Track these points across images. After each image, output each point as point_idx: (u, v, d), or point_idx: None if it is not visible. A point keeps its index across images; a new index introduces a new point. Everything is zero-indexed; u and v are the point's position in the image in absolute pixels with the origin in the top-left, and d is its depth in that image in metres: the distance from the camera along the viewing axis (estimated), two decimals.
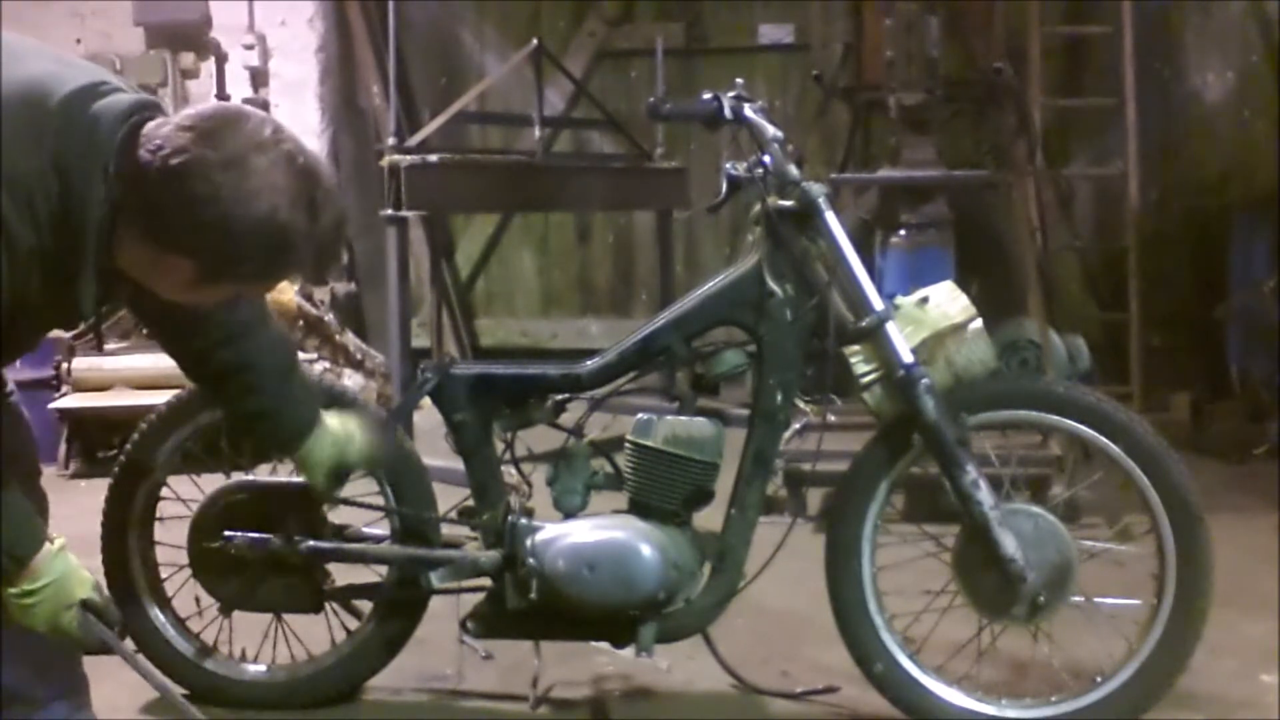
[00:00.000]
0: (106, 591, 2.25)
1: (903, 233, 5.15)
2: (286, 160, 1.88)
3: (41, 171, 1.87)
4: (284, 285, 6.31)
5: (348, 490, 2.94)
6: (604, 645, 2.98)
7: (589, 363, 2.85)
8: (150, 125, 1.91)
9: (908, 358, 2.68)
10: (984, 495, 2.67)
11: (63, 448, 5.52)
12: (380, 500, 2.96)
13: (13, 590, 2.08)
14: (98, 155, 1.89)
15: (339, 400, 2.82)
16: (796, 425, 2.92)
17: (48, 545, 2.11)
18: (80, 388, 5.53)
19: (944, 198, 5.22)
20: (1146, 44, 6.20)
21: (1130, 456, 2.69)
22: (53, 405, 5.50)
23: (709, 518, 2.82)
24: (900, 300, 2.76)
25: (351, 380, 6.12)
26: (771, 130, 2.79)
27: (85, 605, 2.15)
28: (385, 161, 5.18)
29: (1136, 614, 2.75)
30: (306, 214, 1.89)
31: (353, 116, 7.54)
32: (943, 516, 2.97)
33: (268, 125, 1.91)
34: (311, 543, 2.89)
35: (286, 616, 3.02)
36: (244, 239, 1.86)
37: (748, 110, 2.81)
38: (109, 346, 5.68)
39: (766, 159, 2.77)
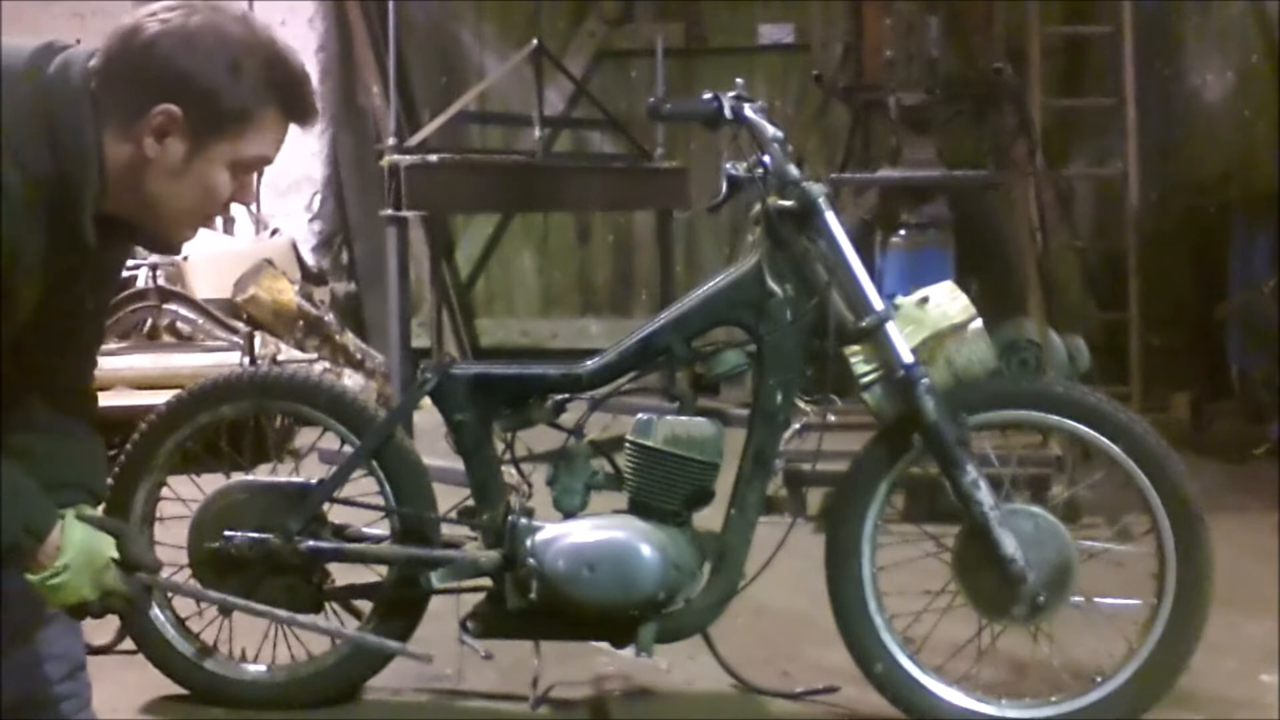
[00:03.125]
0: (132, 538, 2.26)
1: (903, 233, 5.14)
2: (247, 22, 2.05)
3: (29, 117, 1.95)
4: (284, 285, 6.31)
5: (348, 490, 2.95)
6: (604, 645, 2.98)
7: (589, 363, 2.85)
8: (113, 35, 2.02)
9: (908, 358, 2.68)
10: (984, 495, 2.67)
11: None
12: (380, 500, 2.96)
13: (43, 574, 2.09)
14: (77, 93, 1.97)
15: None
16: (796, 425, 2.92)
17: (60, 521, 2.12)
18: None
19: (944, 198, 5.21)
20: (1146, 44, 6.20)
21: (1130, 456, 2.69)
22: None
23: (709, 518, 2.82)
24: (900, 300, 2.76)
25: (351, 380, 6.12)
26: (771, 130, 2.79)
27: (118, 563, 2.17)
28: (385, 161, 5.18)
29: (1136, 614, 2.75)
30: (274, 57, 2.04)
31: (353, 116, 7.54)
32: (943, 516, 2.97)
33: (224, 4, 2.07)
34: (311, 543, 2.89)
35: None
36: (224, 74, 1.97)
37: (748, 110, 2.81)
38: (109, 346, 5.67)
39: (766, 159, 2.77)
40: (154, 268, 5.82)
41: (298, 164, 7.31)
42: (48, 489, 2.15)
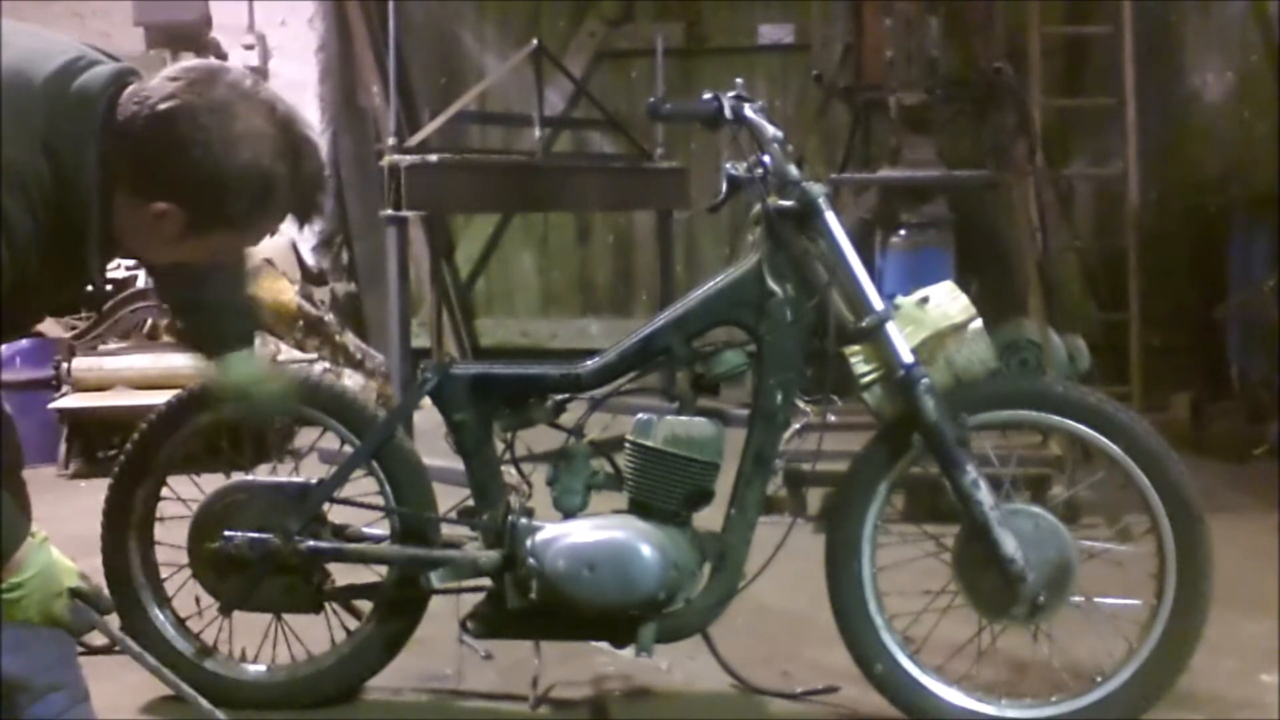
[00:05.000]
0: (93, 581, 2.25)
1: (903, 233, 5.15)
2: (268, 109, 1.96)
3: (32, 155, 1.91)
4: (284, 286, 6.31)
5: (348, 490, 2.95)
6: (604, 645, 2.98)
7: (589, 363, 2.85)
8: (134, 85, 1.96)
9: (908, 358, 2.68)
10: (984, 495, 2.67)
11: (63, 448, 5.52)
12: (380, 500, 2.96)
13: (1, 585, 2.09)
14: (86, 129, 1.93)
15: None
16: (796, 425, 2.91)
17: (29, 539, 2.12)
18: (80, 388, 5.53)
19: (944, 198, 5.22)
20: (1146, 44, 6.20)
21: (1130, 456, 2.69)
22: (53, 405, 5.50)
23: (709, 518, 2.82)
24: (900, 300, 2.76)
25: (351, 380, 6.12)
26: (771, 130, 2.79)
27: (75, 593, 2.16)
28: (385, 161, 5.19)
29: (1136, 614, 2.75)
30: (289, 159, 1.96)
31: (353, 116, 7.54)
32: (943, 516, 2.97)
33: (248, 78, 2.00)
34: (311, 543, 2.89)
35: (286, 616, 3.02)
36: (231, 182, 1.91)
37: (748, 110, 2.81)
38: (109, 346, 5.68)
39: (766, 159, 2.77)
40: None
41: None
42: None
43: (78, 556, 2.25)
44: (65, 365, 5.60)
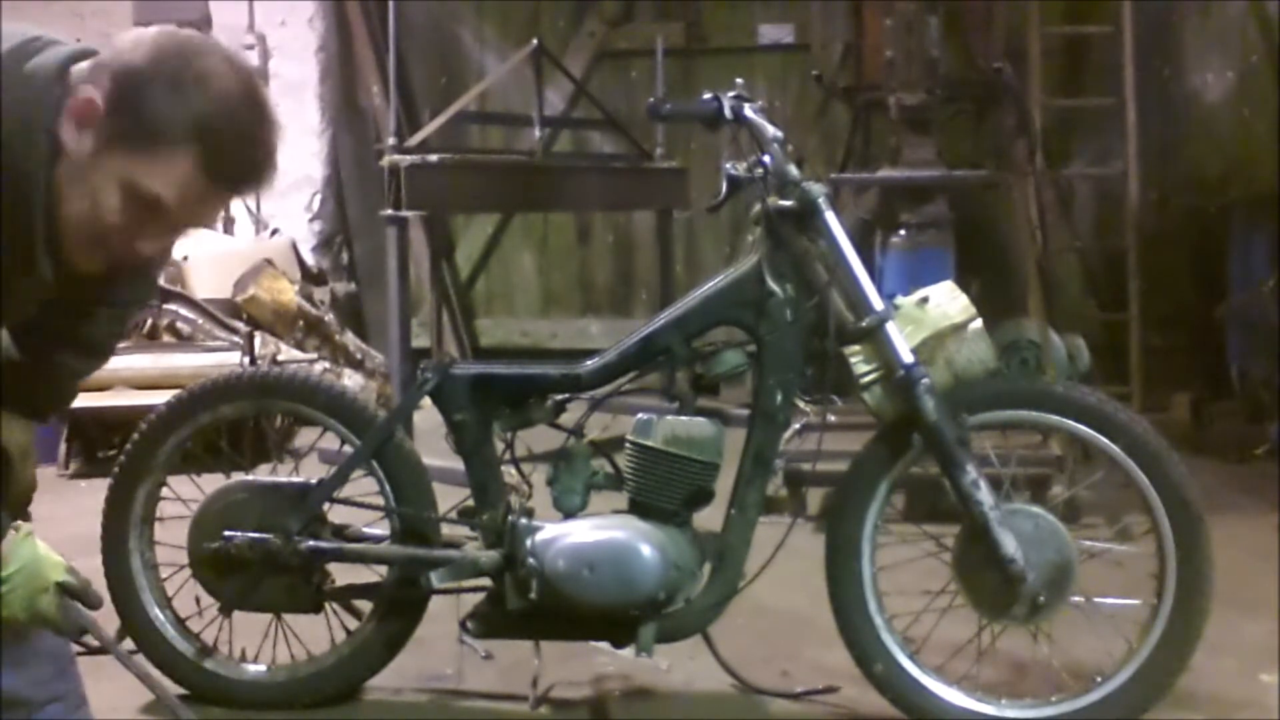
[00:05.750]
0: (82, 575, 2.22)
1: (903, 233, 5.16)
2: (229, 61, 1.85)
3: None
4: (284, 285, 6.31)
5: (348, 490, 2.95)
6: (604, 645, 2.98)
7: (589, 363, 2.85)
8: (93, 60, 1.86)
9: (908, 358, 2.68)
10: (984, 495, 2.67)
11: (63, 448, 5.51)
12: (380, 500, 2.96)
13: None
14: (37, 113, 1.82)
15: None
16: (796, 425, 2.92)
17: (12, 532, 2.09)
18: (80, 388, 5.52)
19: (944, 198, 5.22)
20: (1146, 44, 6.21)
21: (1130, 456, 2.69)
22: None
23: (709, 518, 2.82)
24: (900, 300, 2.76)
25: (351, 380, 6.12)
26: (771, 130, 2.79)
27: (63, 588, 2.12)
28: (385, 161, 5.19)
29: (1136, 614, 2.75)
30: (226, 99, 1.82)
31: (353, 116, 7.55)
32: (943, 516, 2.97)
33: (226, 51, 1.89)
34: (311, 543, 2.89)
35: (286, 616, 3.02)
36: (158, 80, 1.78)
37: (748, 110, 2.81)
38: None
39: (766, 159, 2.77)
40: None
41: (298, 164, 7.32)
42: None
43: (78, 556, 2.25)
44: None
